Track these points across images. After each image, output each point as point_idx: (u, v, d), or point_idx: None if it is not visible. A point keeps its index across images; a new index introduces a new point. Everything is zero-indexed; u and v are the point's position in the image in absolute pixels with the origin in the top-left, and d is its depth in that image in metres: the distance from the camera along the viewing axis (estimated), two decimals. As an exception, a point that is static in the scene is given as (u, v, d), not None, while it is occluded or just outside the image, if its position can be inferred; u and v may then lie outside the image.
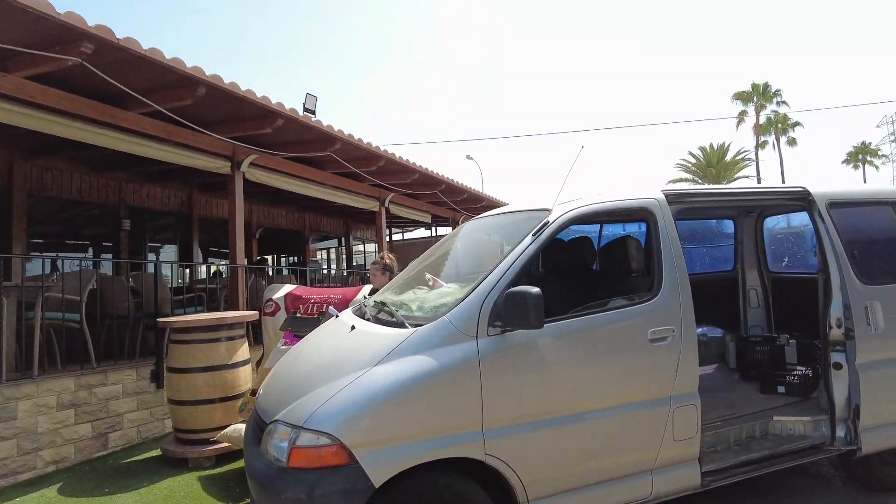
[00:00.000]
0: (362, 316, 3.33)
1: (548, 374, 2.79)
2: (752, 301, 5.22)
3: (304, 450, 2.47)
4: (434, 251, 4.15)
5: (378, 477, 2.41)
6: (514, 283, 2.77)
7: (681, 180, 41.44)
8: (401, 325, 2.83)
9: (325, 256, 17.35)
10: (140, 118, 5.88)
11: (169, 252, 12.78)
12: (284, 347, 4.01)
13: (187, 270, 11.35)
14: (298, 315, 4.83)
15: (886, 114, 54.45)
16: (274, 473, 2.53)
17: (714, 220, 5.70)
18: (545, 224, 2.99)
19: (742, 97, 39.97)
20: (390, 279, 4.20)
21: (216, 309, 6.98)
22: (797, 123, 40.12)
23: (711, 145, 41.46)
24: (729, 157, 40.79)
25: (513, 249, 2.92)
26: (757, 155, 40.15)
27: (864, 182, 47.92)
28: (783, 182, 35.10)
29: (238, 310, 6.65)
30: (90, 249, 11.88)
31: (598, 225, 4.83)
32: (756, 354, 4.56)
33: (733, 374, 4.73)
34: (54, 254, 8.93)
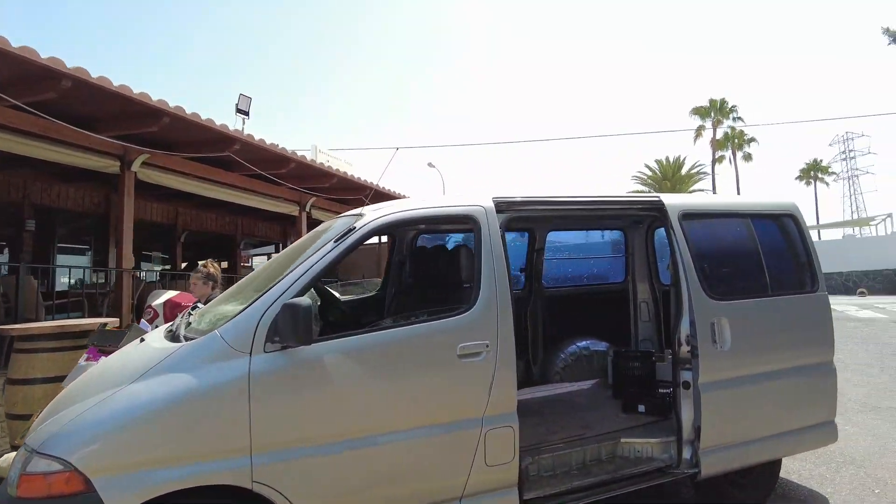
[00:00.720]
0: (170, 329, 3.07)
1: (337, 394, 2.56)
2: (644, 314, 5.09)
3: (33, 477, 2.20)
4: (285, 252, 3.90)
5: None
6: (305, 293, 2.55)
7: (636, 192, 41.86)
8: (177, 339, 2.58)
9: (264, 262, 16.93)
10: (5, 111, 5.50)
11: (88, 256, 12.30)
12: (85, 363, 3.69)
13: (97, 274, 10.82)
14: (107, 328, 4.51)
15: (838, 133, 56.56)
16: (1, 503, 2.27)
17: (608, 231, 5.57)
18: (350, 230, 2.77)
19: (700, 112, 40.77)
20: (213, 289, 3.94)
21: (100, 315, 6.60)
22: (753, 139, 41.21)
23: (668, 158, 42.13)
24: (684, 170, 41.49)
25: (310, 256, 2.69)
26: (713, 169, 40.96)
27: (815, 198, 49.47)
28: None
29: (121, 316, 6.28)
30: (6, 251, 11.37)
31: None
32: (627, 370, 4.42)
33: (608, 390, 4.57)
34: None
